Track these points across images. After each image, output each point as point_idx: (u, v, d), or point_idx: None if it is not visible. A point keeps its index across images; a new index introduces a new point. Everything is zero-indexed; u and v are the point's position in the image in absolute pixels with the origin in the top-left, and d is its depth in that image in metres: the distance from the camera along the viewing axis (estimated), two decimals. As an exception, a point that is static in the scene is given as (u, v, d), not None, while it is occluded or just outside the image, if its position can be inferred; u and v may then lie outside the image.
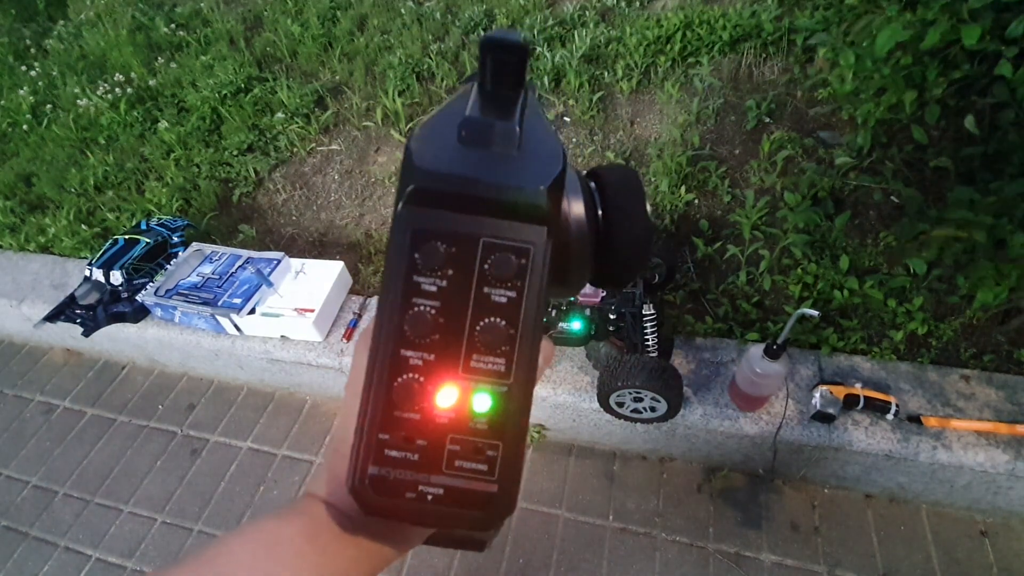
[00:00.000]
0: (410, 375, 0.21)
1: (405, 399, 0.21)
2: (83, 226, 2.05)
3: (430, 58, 2.34)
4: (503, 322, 0.21)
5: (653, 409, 1.22)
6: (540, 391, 1.38)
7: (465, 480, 0.21)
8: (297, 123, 2.24)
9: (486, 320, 0.21)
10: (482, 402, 0.21)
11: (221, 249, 1.73)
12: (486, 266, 0.21)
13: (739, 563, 1.28)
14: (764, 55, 1.98)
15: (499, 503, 0.21)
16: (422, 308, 0.21)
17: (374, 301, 1.66)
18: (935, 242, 1.16)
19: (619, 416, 1.28)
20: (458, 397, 0.21)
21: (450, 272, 0.21)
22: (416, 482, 0.20)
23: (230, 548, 0.24)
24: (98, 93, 2.55)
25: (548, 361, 0.29)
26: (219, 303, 1.55)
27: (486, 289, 0.21)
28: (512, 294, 0.21)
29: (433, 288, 0.21)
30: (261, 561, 0.24)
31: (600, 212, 0.26)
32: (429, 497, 0.20)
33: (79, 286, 1.80)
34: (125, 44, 2.82)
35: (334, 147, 2.20)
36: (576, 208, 0.25)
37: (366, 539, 0.26)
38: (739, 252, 1.51)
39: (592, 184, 0.27)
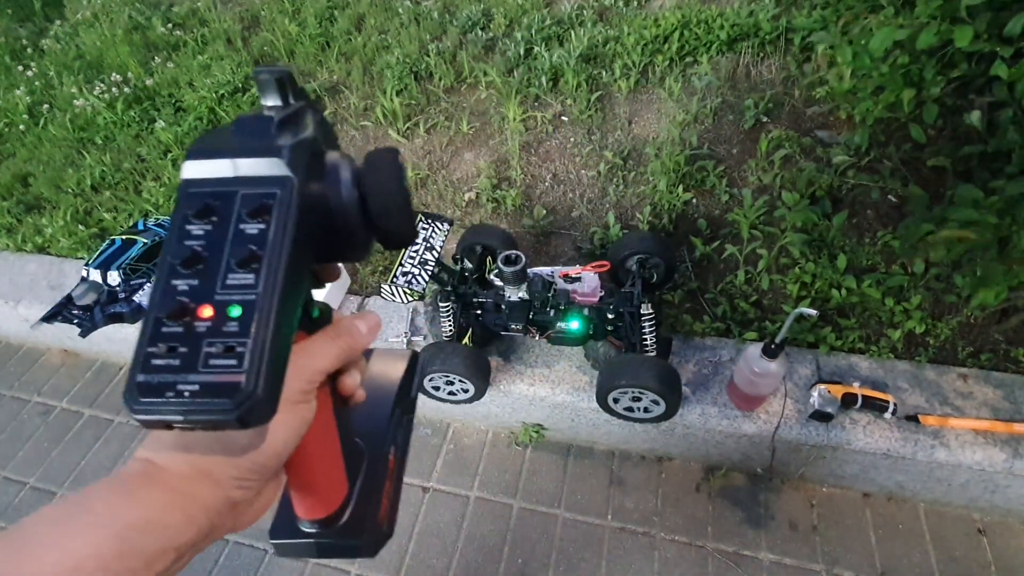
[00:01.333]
0: (178, 298, 0.25)
1: (172, 317, 0.25)
2: (80, 226, 2.05)
3: (428, 57, 2.34)
4: (253, 246, 0.26)
5: (651, 408, 1.22)
6: (539, 391, 1.38)
7: (216, 374, 0.23)
8: (295, 123, 2.24)
9: (240, 247, 0.26)
10: (234, 309, 0.25)
11: (219, 249, 1.73)
12: (243, 211, 0.26)
13: (738, 562, 1.28)
14: (762, 54, 1.98)
15: (247, 393, 0.23)
16: (190, 246, 0.26)
17: (372, 301, 1.66)
18: (943, 241, 1.15)
19: (617, 416, 1.28)
20: (215, 308, 0.25)
21: (214, 219, 0.26)
22: (176, 382, 0.23)
23: (42, 513, 0.26)
24: (95, 93, 2.54)
25: (374, 330, 0.35)
26: (217, 303, 1.55)
27: (242, 226, 0.26)
28: (262, 226, 0.26)
29: (200, 232, 0.26)
30: (70, 516, 0.26)
31: (360, 182, 0.31)
32: (186, 393, 0.23)
33: (76, 287, 1.79)
34: (122, 44, 2.81)
35: (332, 147, 2.19)
36: (344, 182, 0.30)
37: (176, 480, 0.28)
38: (737, 251, 1.51)
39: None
